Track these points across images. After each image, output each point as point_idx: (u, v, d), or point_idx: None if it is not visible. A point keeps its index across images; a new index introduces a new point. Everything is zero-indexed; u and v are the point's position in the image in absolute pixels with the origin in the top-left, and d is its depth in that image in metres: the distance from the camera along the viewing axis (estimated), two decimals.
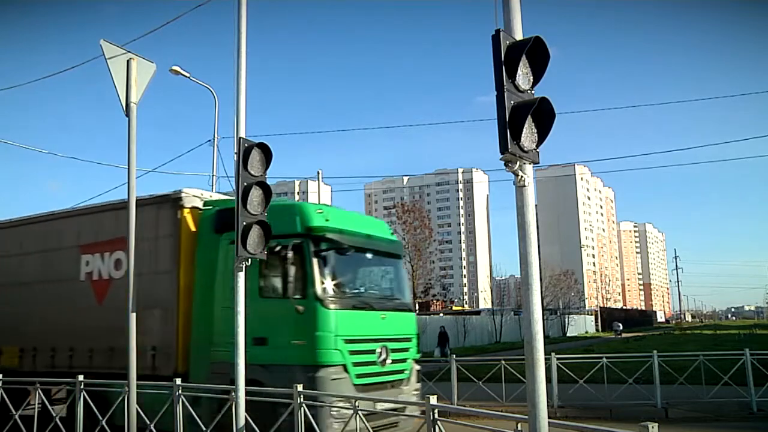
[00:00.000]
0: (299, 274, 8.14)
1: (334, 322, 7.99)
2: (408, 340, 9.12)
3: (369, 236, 9.31)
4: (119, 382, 7.57)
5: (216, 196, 10.79)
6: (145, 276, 9.00)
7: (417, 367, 9.33)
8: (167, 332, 9.22)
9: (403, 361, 8.92)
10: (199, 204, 9.68)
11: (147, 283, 8.97)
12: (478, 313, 56.75)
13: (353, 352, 8.11)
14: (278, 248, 8.02)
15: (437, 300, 76.71)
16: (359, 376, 8.11)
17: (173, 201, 9.55)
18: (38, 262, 11.51)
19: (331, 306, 8.04)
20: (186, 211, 9.52)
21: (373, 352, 8.42)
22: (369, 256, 9.36)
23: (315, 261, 8.21)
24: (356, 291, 9.15)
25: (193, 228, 9.62)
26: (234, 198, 9.73)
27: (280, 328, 8.23)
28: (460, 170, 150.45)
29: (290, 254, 8.08)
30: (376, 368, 8.42)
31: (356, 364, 8.10)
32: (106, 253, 10.23)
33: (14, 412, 8.97)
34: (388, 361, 8.55)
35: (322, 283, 8.17)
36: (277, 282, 8.50)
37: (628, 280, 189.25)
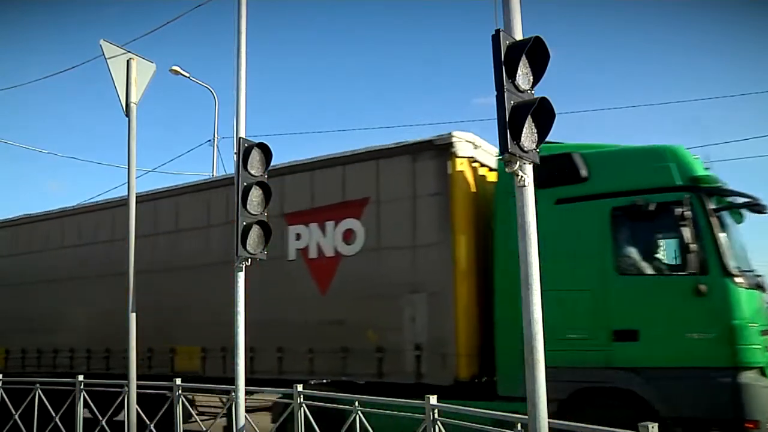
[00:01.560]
0: (692, 241, 5.93)
1: (748, 307, 5.93)
2: None
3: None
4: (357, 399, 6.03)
5: None
6: (395, 251, 7.44)
7: None
8: (438, 325, 7.03)
9: None
10: (473, 153, 7.41)
11: (399, 259, 7.39)
12: None
13: None
14: (649, 207, 6.07)
15: None
16: None
17: (439, 149, 7.24)
18: (211, 240, 9.20)
19: (742, 284, 5.94)
20: (459, 161, 7.23)
21: None
22: (737, 218, 7.13)
23: (715, 223, 6.07)
24: (747, 265, 6.78)
25: (472, 184, 7.35)
26: (553, 143, 7.08)
27: (662, 317, 6.02)
28: None
29: (678, 213, 5.93)
30: None
31: None
32: (329, 222, 7.92)
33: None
34: None
35: (727, 252, 6.03)
36: (651, 253, 6.51)
37: None
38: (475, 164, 7.50)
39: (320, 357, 7.76)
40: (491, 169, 7.66)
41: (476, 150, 7.47)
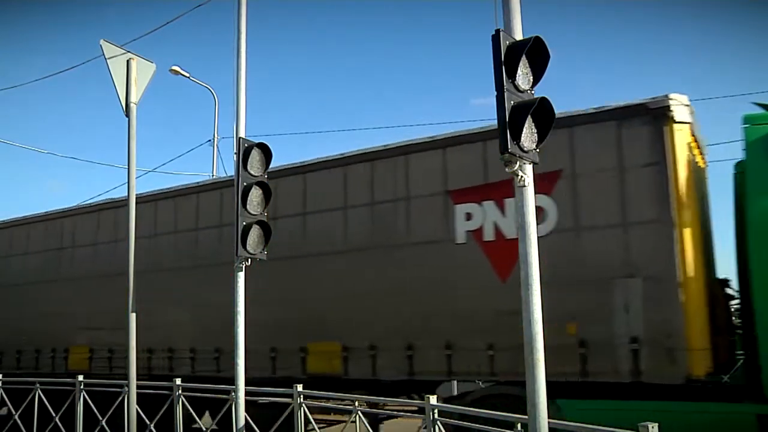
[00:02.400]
0: None
1: None
2: None
3: None
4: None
5: None
6: (598, 230, 6.60)
7: None
8: (661, 315, 6.17)
9: None
10: (689, 119, 6.58)
11: (604, 240, 6.55)
12: None
13: None
14: None
15: None
16: None
17: (654, 113, 6.38)
18: (349, 224, 8.12)
19: None
20: (678, 127, 6.42)
21: None
22: None
23: None
24: None
25: (692, 154, 6.58)
26: None
27: None
28: None
29: None
30: None
31: None
32: (509, 200, 6.83)
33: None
34: None
35: None
36: None
37: None
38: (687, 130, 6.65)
39: (503, 354, 6.76)
40: (695, 140, 7.03)
41: (692, 117, 6.61)
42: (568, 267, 6.64)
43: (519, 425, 4.81)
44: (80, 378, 8.74)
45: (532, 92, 3.86)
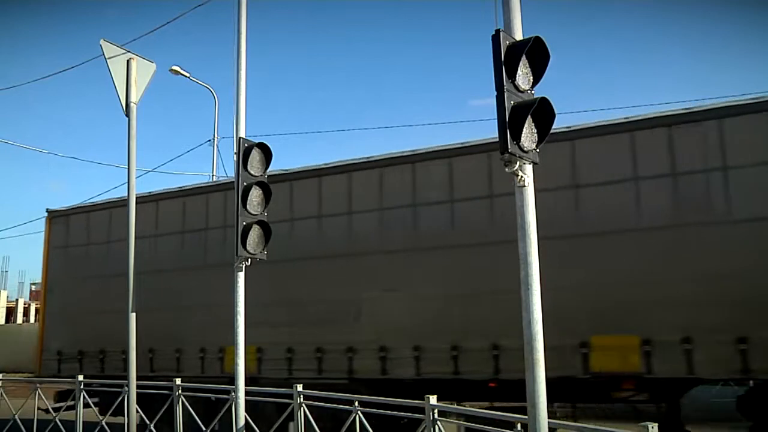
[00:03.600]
0: None
1: None
2: None
3: None
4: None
5: None
6: None
7: None
8: None
9: None
10: None
11: None
12: None
13: None
14: None
15: None
16: None
17: None
18: (645, 195, 6.93)
19: None
20: None
21: None
22: None
23: None
24: None
25: None
26: None
27: None
28: None
29: None
30: None
31: None
32: None
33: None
34: None
35: None
36: None
37: None
38: None
39: None
40: None
41: None
42: None
43: (519, 425, 4.82)
44: (80, 378, 8.74)
45: (532, 92, 3.86)
